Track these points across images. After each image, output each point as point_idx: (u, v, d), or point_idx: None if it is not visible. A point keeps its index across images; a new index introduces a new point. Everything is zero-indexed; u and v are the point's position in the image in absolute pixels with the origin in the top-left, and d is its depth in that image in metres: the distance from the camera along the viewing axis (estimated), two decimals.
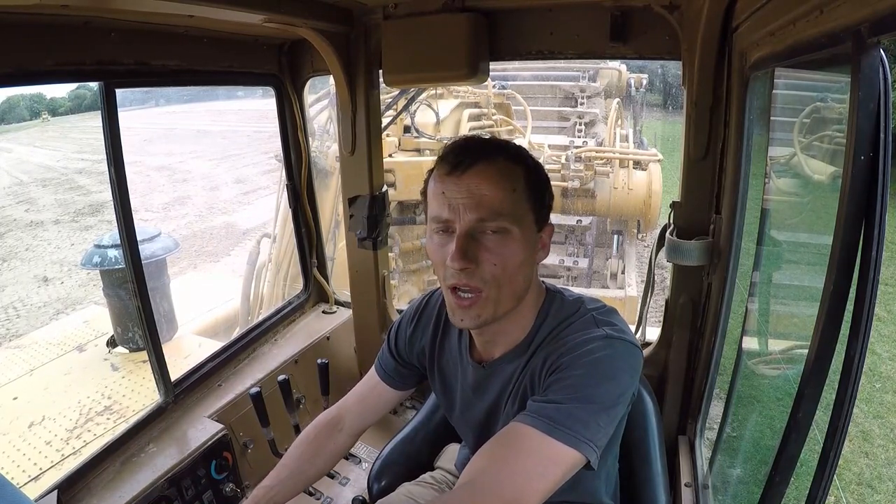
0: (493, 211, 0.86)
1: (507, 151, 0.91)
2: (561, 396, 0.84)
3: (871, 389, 4.74)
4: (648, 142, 8.73)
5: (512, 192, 0.88)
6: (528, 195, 0.90)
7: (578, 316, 0.95)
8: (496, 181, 0.87)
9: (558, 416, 0.82)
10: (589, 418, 0.82)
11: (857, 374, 0.69)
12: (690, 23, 1.35)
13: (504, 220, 0.87)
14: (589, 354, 0.86)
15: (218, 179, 15.37)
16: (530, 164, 0.93)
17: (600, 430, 0.83)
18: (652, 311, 1.79)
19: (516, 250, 0.88)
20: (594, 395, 0.84)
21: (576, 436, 0.81)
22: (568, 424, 0.81)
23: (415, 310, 1.17)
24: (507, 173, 0.88)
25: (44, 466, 2.44)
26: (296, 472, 1.12)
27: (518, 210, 0.89)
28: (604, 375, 0.85)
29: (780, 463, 0.85)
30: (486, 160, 0.88)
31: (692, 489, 1.42)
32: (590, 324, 0.92)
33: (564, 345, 0.90)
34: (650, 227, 5.57)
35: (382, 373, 1.19)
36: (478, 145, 0.92)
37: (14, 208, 13.66)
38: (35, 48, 1.19)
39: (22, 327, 7.32)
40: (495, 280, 0.89)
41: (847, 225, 0.67)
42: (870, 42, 0.61)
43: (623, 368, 0.87)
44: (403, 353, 1.17)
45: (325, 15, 1.59)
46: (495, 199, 0.86)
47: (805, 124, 1.41)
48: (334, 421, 1.18)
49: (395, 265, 4.35)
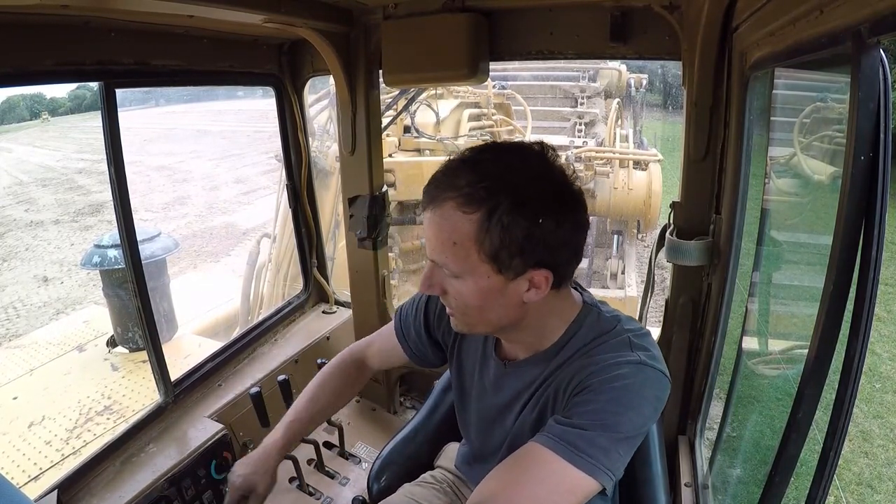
0: (439, 258, 0.84)
1: (459, 194, 0.79)
2: (585, 421, 0.81)
3: (871, 389, 4.74)
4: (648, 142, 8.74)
5: (452, 246, 0.81)
6: (479, 247, 0.79)
7: (614, 335, 0.91)
8: (436, 232, 0.82)
9: (580, 441, 0.80)
10: (610, 447, 0.80)
11: (857, 374, 0.69)
12: (690, 23, 1.35)
13: (450, 269, 0.83)
14: (619, 380, 0.83)
15: (218, 179, 15.37)
16: (493, 206, 0.78)
17: (619, 458, 0.81)
18: (652, 311, 1.79)
19: (471, 296, 0.85)
20: (618, 423, 0.81)
21: (596, 464, 0.79)
22: (590, 452, 0.79)
23: None
24: (451, 225, 0.80)
25: (44, 466, 2.44)
26: (327, 406, 1.20)
27: (463, 264, 0.81)
28: (630, 404, 0.82)
29: (780, 463, 0.85)
30: (434, 205, 0.82)
31: (692, 489, 1.42)
32: (625, 346, 0.88)
33: (596, 364, 0.86)
34: (650, 227, 5.57)
35: (405, 346, 1.17)
36: (438, 181, 0.83)
37: (14, 208, 13.65)
38: (35, 48, 1.19)
39: (22, 327, 7.32)
40: (460, 310, 0.89)
41: (847, 225, 0.67)
42: (870, 42, 0.61)
43: (650, 399, 0.85)
44: (432, 327, 1.14)
45: (325, 15, 1.59)
46: (437, 248, 0.83)
47: (805, 124, 1.41)
48: (360, 362, 1.24)
49: (395, 265, 4.36)
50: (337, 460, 1.83)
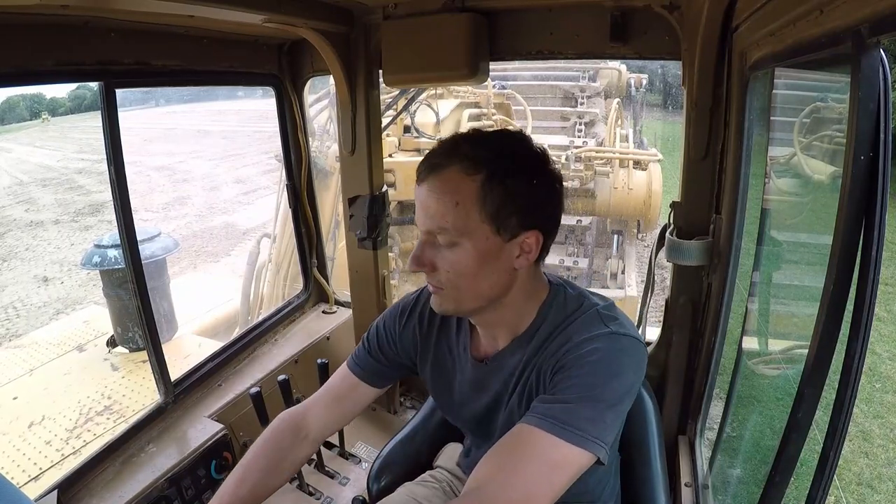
0: (438, 225, 0.87)
1: (462, 159, 0.86)
2: (567, 395, 0.84)
3: (871, 389, 4.74)
4: (648, 142, 8.73)
5: (455, 207, 0.85)
6: (481, 207, 0.85)
7: (582, 311, 0.95)
8: (438, 195, 0.86)
9: (564, 415, 0.82)
10: (596, 416, 0.83)
11: (857, 374, 0.69)
12: (690, 23, 1.35)
13: (449, 235, 0.87)
14: (594, 353, 0.87)
15: (218, 179, 15.38)
16: (493, 169, 0.85)
17: (607, 426, 0.83)
18: (652, 311, 1.79)
19: (467, 262, 0.88)
20: (601, 393, 0.84)
21: (583, 434, 0.81)
22: (575, 423, 0.81)
23: (405, 306, 1.16)
24: (454, 186, 0.86)
25: (44, 466, 2.44)
26: (258, 485, 1.02)
27: (464, 224, 0.86)
28: (609, 373, 0.86)
29: (780, 463, 0.85)
30: (437, 171, 0.87)
31: (692, 489, 1.42)
32: (594, 320, 0.92)
33: (570, 341, 0.90)
34: (650, 227, 5.57)
35: (361, 372, 1.12)
36: (439, 152, 0.89)
37: (14, 208, 13.66)
38: (35, 48, 1.19)
39: (22, 327, 7.32)
40: (451, 284, 0.91)
41: (847, 225, 0.67)
42: (870, 42, 0.61)
43: (628, 364, 0.88)
44: (388, 350, 1.13)
45: (325, 15, 1.59)
46: (438, 214, 0.87)
47: (805, 124, 1.41)
48: (298, 428, 1.09)
49: (395, 265, 4.35)
50: (337, 460, 1.83)
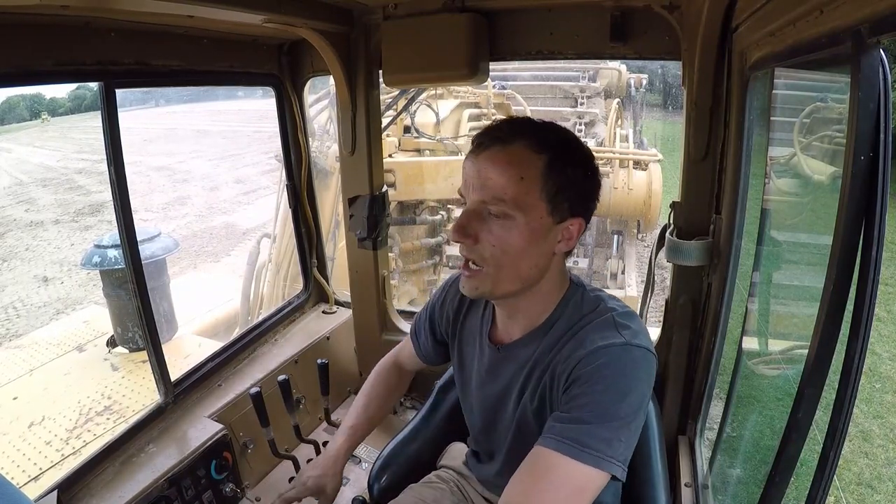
0: (495, 195, 0.88)
1: (530, 137, 0.90)
2: (584, 414, 0.86)
3: (870, 389, 4.74)
4: (648, 142, 8.74)
5: (519, 181, 0.87)
6: (543, 185, 0.88)
7: (598, 314, 0.95)
8: (503, 167, 0.88)
9: (583, 437, 0.84)
10: (612, 436, 0.84)
11: (857, 374, 0.70)
12: (690, 23, 1.35)
13: (505, 206, 0.88)
14: (608, 367, 0.87)
15: (218, 179, 15.39)
16: (558, 153, 0.90)
17: (622, 444, 0.85)
18: (652, 311, 1.79)
19: (517, 237, 0.90)
20: (616, 411, 0.85)
21: (601, 456, 0.83)
22: (593, 445, 0.83)
23: (444, 286, 1.24)
24: (520, 160, 0.88)
25: (44, 466, 2.44)
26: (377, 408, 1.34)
27: (524, 199, 0.88)
28: (624, 390, 0.86)
29: (780, 463, 0.85)
30: (502, 144, 0.89)
31: (692, 489, 1.42)
32: (609, 326, 0.93)
33: (584, 348, 0.90)
34: (650, 227, 5.57)
35: (416, 345, 1.31)
36: (504, 128, 0.92)
37: (14, 208, 13.66)
38: (35, 48, 1.19)
39: (22, 327, 7.33)
40: (494, 260, 0.92)
41: (847, 225, 0.67)
42: (870, 42, 0.61)
43: (641, 378, 0.89)
44: (436, 327, 1.25)
45: (325, 15, 1.59)
46: (498, 185, 0.88)
47: (805, 124, 1.41)
48: (398, 369, 1.38)
49: (395, 265, 4.35)
50: None
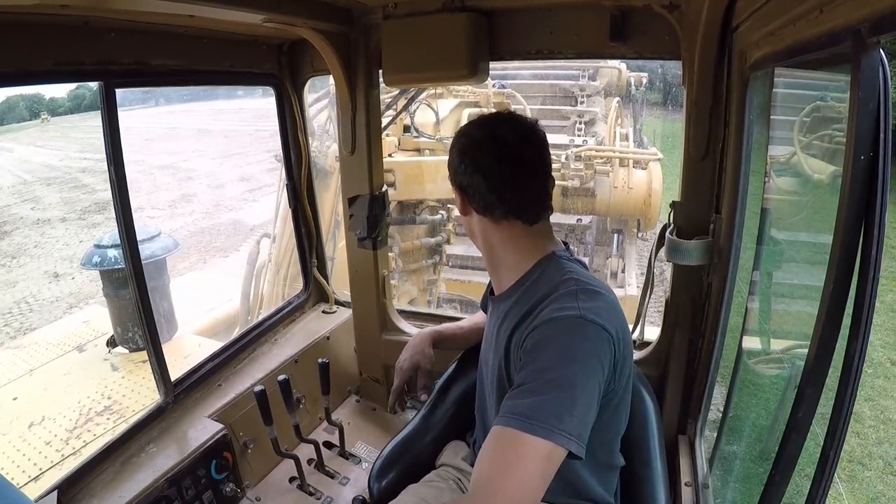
0: None
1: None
2: (531, 382, 0.88)
3: (863, 374, 4.86)
4: (648, 140, 8.73)
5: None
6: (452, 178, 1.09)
7: (563, 286, 0.98)
8: None
9: (532, 411, 0.85)
10: (561, 410, 0.85)
11: (857, 373, 0.70)
12: (690, 23, 1.35)
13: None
14: (555, 335, 0.91)
15: (222, 177, 15.45)
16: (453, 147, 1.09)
17: (574, 419, 0.85)
18: (652, 311, 1.79)
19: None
20: (562, 377, 0.87)
21: (551, 429, 0.84)
22: (542, 418, 0.84)
23: None
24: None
25: (44, 466, 2.44)
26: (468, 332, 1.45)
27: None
28: (568, 358, 0.89)
29: (780, 463, 0.85)
30: None
31: (692, 488, 1.42)
32: (570, 297, 0.95)
33: (540, 318, 0.94)
34: (650, 226, 5.57)
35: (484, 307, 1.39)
36: None
37: (20, 206, 13.72)
38: (35, 48, 1.19)
39: (35, 321, 7.44)
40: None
41: (847, 225, 0.67)
42: (870, 42, 0.61)
43: (587, 350, 0.90)
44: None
45: (324, 15, 1.59)
46: None
47: (805, 124, 1.41)
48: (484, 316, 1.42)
49: (395, 265, 4.35)
50: (337, 460, 1.83)
